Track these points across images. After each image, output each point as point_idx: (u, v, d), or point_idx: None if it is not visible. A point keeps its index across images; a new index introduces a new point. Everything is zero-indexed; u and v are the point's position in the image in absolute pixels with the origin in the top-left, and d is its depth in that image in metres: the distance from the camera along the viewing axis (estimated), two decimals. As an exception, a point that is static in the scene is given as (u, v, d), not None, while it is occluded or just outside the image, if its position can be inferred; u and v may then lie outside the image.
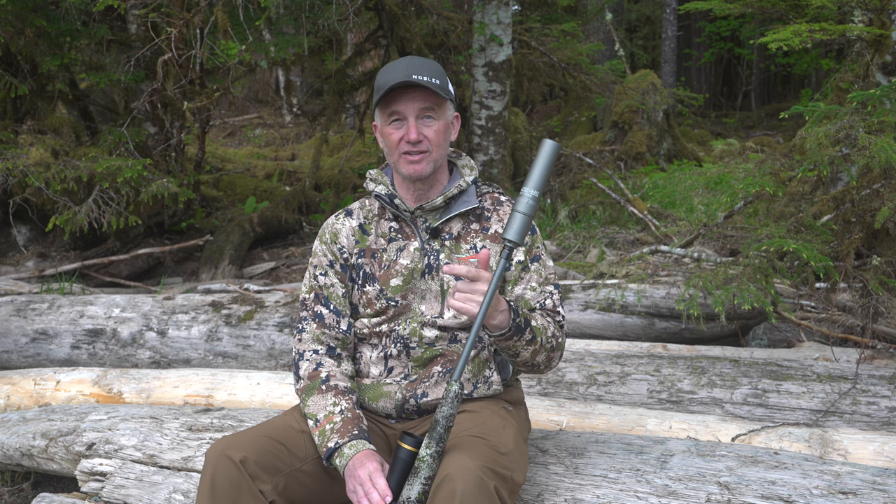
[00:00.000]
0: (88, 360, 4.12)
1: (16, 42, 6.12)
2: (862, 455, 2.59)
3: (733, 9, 4.85)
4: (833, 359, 3.40)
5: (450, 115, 2.11)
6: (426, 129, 2.05)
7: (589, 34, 12.68)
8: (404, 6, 7.60)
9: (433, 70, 2.06)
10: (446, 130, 2.09)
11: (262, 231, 7.21)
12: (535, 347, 1.99)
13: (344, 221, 2.20)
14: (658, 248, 4.87)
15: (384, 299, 2.11)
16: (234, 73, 7.07)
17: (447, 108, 2.09)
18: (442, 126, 2.07)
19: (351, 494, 1.88)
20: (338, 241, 2.17)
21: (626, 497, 2.02)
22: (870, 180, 3.57)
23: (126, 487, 2.46)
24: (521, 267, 2.12)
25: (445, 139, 2.10)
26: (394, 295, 2.11)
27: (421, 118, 2.04)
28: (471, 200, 2.13)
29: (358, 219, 2.19)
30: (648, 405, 3.16)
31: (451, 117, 2.12)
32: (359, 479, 1.87)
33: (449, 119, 2.11)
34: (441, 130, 2.07)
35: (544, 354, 2.02)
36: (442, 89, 2.04)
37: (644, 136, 8.77)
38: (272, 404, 3.23)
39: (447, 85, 2.08)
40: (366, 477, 1.86)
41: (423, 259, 2.11)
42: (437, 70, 2.07)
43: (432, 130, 2.05)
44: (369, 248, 2.16)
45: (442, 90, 2.03)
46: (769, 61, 15.53)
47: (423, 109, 2.04)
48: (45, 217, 6.34)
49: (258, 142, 12.46)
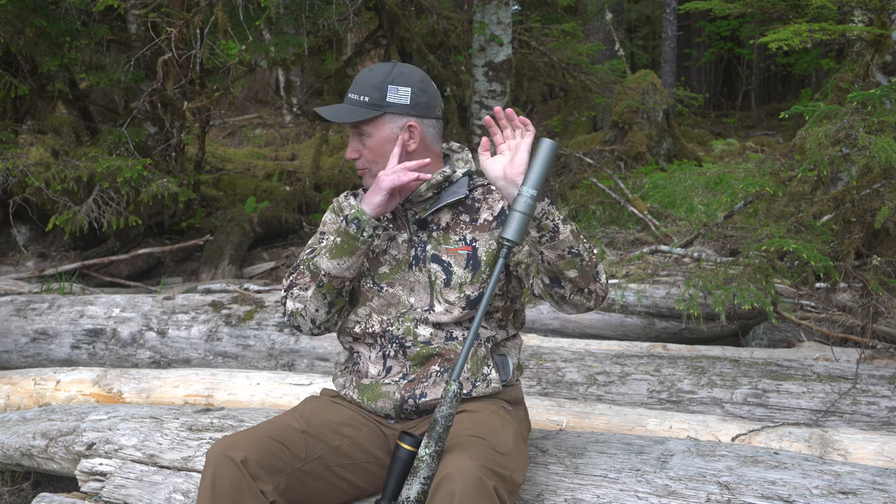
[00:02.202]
0: (88, 360, 4.12)
1: (16, 42, 6.12)
2: (862, 455, 2.59)
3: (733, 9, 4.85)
4: (833, 359, 3.40)
5: (392, 127, 2.07)
6: (361, 146, 2.10)
7: (589, 34, 12.67)
8: (404, 6, 7.60)
9: (369, 84, 2.07)
10: (383, 145, 2.08)
11: (262, 231, 7.21)
12: (578, 238, 1.92)
13: (349, 199, 2.28)
14: (658, 248, 4.87)
15: (370, 280, 2.14)
16: (234, 73, 7.06)
17: (385, 122, 2.07)
18: (375, 143, 2.08)
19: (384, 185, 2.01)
20: (343, 213, 2.25)
21: (626, 497, 2.02)
22: (870, 180, 3.58)
23: (126, 487, 2.46)
24: None
25: (382, 155, 2.08)
26: (380, 281, 2.13)
27: (356, 136, 2.11)
28: (460, 192, 2.13)
29: (358, 202, 2.23)
30: (648, 405, 3.16)
31: (395, 129, 2.08)
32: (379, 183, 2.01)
33: (391, 132, 2.07)
34: (377, 145, 2.08)
35: (593, 257, 1.96)
36: (371, 106, 2.05)
37: (644, 136, 8.76)
38: (272, 404, 3.23)
39: (383, 96, 2.06)
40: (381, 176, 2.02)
41: (410, 251, 2.13)
42: (374, 83, 2.06)
43: (366, 148, 2.10)
44: None
45: (371, 107, 2.05)
46: (769, 61, 15.53)
47: (355, 129, 2.10)
48: (45, 217, 6.34)
49: (258, 142, 12.45)
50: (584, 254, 1.94)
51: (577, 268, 1.93)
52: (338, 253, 2.05)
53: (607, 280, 2.04)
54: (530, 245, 2.00)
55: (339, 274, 2.07)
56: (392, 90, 2.07)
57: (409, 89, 2.08)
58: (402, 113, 2.08)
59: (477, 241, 2.11)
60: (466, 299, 2.08)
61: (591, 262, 1.95)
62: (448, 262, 2.10)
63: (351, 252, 2.05)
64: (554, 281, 1.97)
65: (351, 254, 2.05)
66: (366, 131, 2.08)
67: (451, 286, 2.09)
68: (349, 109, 2.07)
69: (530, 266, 2.05)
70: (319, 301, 2.10)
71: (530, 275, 2.05)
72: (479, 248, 2.10)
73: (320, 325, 2.15)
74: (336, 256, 2.05)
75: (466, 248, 2.10)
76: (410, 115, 2.08)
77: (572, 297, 1.99)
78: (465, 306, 2.09)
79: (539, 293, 2.05)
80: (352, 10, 6.18)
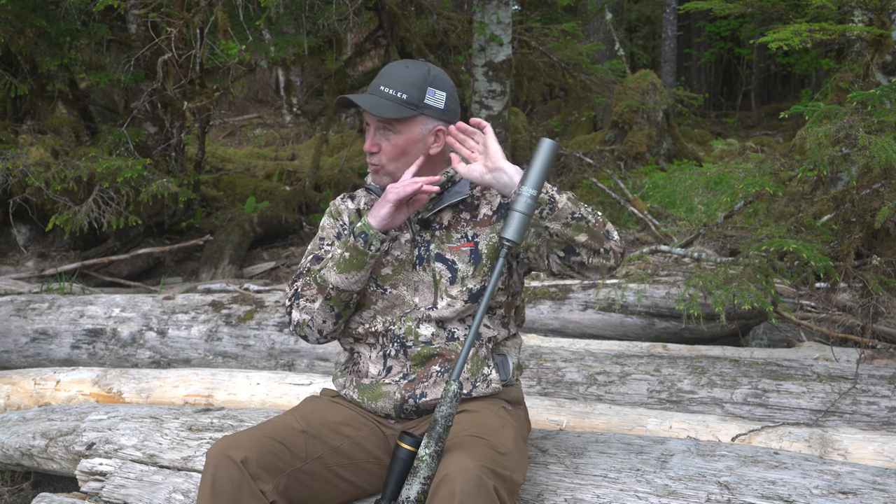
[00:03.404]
0: (88, 360, 4.12)
1: (16, 42, 6.12)
2: (862, 455, 2.59)
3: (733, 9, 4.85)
4: (833, 359, 3.40)
5: (423, 129, 2.06)
6: (384, 140, 2.06)
7: (589, 34, 12.67)
8: (404, 6, 7.60)
9: (407, 82, 2.03)
10: (409, 146, 2.05)
11: (262, 231, 7.21)
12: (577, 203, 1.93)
13: (346, 202, 2.25)
14: (658, 247, 4.86)
15: (373, 283, 2.13)
16: (234, 73, 7.07)
17: (417, 124, 2.05)
18: (401, 141, 2.04)
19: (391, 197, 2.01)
20: (341, 217, 2.23)
21: (626, 497, 2.02)
22: (870, 180, 3.57)
23: (126, 487, 2.46)
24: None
25: (404, 155, 2.06)
26: (383, 283, 2.12)
27: (381, 129, 2.06)
28: (462, 191, 2.13)
29: (357, 204, 2.23)
30: (648, 405, 3.16)
31: (425, 132, 2.06)
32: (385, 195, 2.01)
33: (420, 134, 2.06)
34: (399, 145, 2.05)
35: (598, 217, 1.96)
36: (409, 105, 2.02)
37: (644, 135, 8.76)
38: (272, 404, 3.23)
39: (422, 97, 2.03)
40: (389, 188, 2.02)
41: (413, 251, 2.12)
42: (413, 81, 2.03)
43: (389, 144, 2.05)
44: None
45: (409, 105, 2.02)
46: (769, 61, 15.52)
47: (381, 121, 2.05)
48: (45, 217, 6.34)
49: (258, 142, 12.45)
50: (588, 216, 1.94)
51: (586, 231, 1.94)
52: (346, 268, 2.05)
53: (620, 237, 2.03)
54: (534, 225, 1.99)
55: (347, 288, 2.06)
56: (430, 92, 2.05)
57: (445, 94, 2.07)
58: (435, 116, 2.06)
59: (478, 235, 2.11)
60: (469, 292, 2.08)
61: (597, 223, 1.96)
62: (452, 261, 2.10)
63: (360, 267, 2.04)
64: (568, 251, 1.96)
65: (360, 268, 2.05)
66: (396, 128, 2.04)
67: (455, 283, 2.10)
68: (386, 104, 2.02)
69: (541, 247, 2.04)
70: (327, 313, 2.10)
71: (543, 255, 2.05)
72: (480, 242, 2.11)
73: (327, 335, 2.15)
74: (344, 271, 2.05)
75: (469, 244, 2.11)
76: (441, 119, 2.07)
77: (592, 262, 1.98)
78: (467, 300, 2.09)
79: (558, 270, 2.04)
80: (352, 10, 6.18)
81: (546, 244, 2.00)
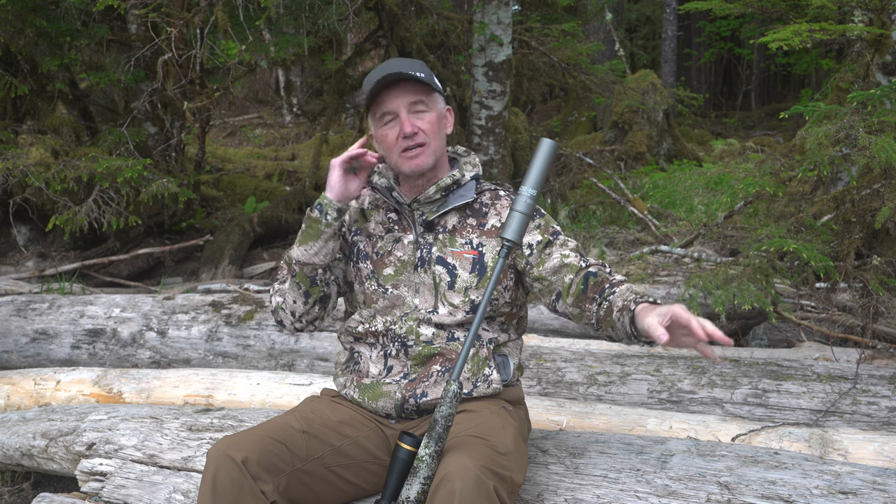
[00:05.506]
0: (88, 360, 4.11)
1: (16, 42, 6.12)
2: (862, 455, 2.59)
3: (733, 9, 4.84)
4: (833, 359, 3.40)
5: (441, 106, 2.11)
6: (419, 121, 2.05)
7: (589, 34, 12.67)
8: (404, 6, 7.59)
9: (415, 65, 2.07)
10: (440, 122, 2.09)
11: (262, 231, 7.21)
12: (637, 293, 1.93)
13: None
14: (658, 248, 4.87)
15: (375, 282, 2.13)
16: (234, 73, 7.06)
17: (437, 100, 2.09)
18: (435, 117, 2.07)
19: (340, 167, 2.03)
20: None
21: (626, 497, 2.02)
22: (870, 180, 3.57)
23: (126, 487, 2.46)
24: (544, 243, 2.09)
25: (440, 130, 2.09)
26: (384, 283, 2.12)
27: (412, 112, 2.05)
28: (468, 195, 2.13)
29: (361, 203, 2.24)
30: (648, 405, 3.16)
31: (443, 109, 2.12)
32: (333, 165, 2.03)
33: (441, 111, 2.11)
34: (434, 121, 2.07)
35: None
36: (428, 80, 2.04)
37: (644, 136, 8.76)
38: (272, 404, 3.23)
39: (433, 78, 2.08)
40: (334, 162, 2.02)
41: (416, 252, 2.12)
42: (420, 65, 2.08)
43: (426, 122, 2.05)
44: (366, 230, 2.20)
45: (429, 81, 2.04)
46: (769, 61, 15.53)
47: (412, 103, 2.04)
48: (45, 217, 6.34)
49: (258, 142, 12.46)
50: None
51: None
52: (304, 239, 2.06)
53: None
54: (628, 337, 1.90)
55: (307, 260, 2.07)
56: (434, 78, 2.10)
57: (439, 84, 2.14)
58: (443, 96, 2.13)
59: (484, 245, 2.10)
60: (471, 304, 2.08)
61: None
62: (453, 265, 2.10)
63: (316, 236, 2.05)
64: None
65: (316, 238, 2.05)
66: (427, 104, 2.06)
67: (455, 289, 2.09)
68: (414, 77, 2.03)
69: (553, 283, 2.05)
70: (296, 292, 2.11)
71: (552, 292, 2.05)
72: (486, 253, 2.10)
73: (300, 317, 2.15)
74: (303, 243, 2.06)
75: (472, 252, 2.10)
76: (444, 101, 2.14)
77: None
78: (468, 310, 2.09)
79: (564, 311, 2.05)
80: (352, 10, 6.17)
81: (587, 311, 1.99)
